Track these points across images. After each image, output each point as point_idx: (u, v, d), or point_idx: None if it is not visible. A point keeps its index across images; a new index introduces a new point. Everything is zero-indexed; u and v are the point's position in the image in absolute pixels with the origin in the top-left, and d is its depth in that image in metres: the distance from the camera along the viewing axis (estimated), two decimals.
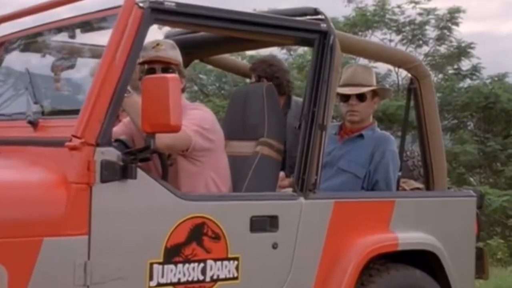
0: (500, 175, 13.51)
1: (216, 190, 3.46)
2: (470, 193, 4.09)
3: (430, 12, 13.76)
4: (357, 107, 4.01)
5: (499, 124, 14.07)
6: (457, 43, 13.89)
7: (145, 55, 3.44)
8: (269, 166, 3.55)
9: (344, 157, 3.99)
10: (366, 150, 3.97)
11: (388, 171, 3.94)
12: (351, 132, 4.06)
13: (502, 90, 13.61)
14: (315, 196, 3.47)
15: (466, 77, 14.29)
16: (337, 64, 3.56)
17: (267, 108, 3.60)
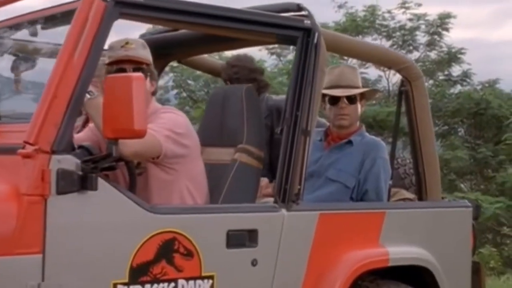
0: (491, 182, 13.28)
1: (192, 201, 3.12)
2: (466, 203, 3.76)
3: (421, 18, 13.51)
4: (347, 110, 3.68)
5: (490, 130, 13.88)
6: (447, 49, 13.64)
7: (113, 55, 3.10)
8: (248, 175, 3.21)
9: (332, 166, 3.66)
10: (356, 157, 3.65)
11: (379, 180, 3.61)
12: (339, 139, 3.72)
13: (493, 96, 13.41)
14: (298, 207, 3.14)
15: (456, 83, 14.06)
16: (322, 64, 3.24)
17: (246, 112, 3.26)
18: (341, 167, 3.63)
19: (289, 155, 3.14)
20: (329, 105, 3.69)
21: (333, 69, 3.82)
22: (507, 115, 13.34)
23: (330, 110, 3.72)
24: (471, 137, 14.08)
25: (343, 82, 3.70)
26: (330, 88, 3.67)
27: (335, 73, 3.75)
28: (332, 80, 3.71)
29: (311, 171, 3.58)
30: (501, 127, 13.51)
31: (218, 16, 2.95)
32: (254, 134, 3.27)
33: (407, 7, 13.46)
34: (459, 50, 13.50)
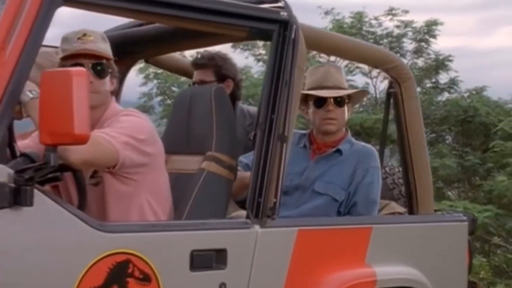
0: (479, 189, 12.91)
1: (153, 216, 2.68)
2: (461, 217, 3.32)
3: (408, 25, 13.10)
4: (335, 114, 3.23)
5: (477, 137, 13.52)
6: (435, 56, 13.27)
7: (68, 48, 2.67)
8: (217, 186, 2.77)
9: (320, 178, 3.21)
10: (346, 168, 3.22)
11: (370, 192, 3.17)
12: (325, 147, 3.28)
13: (480, 103, 13.05)
14: (274, 223, 2.70)
15: (444, 91, 13.68)
16: (301, 61, 2.81)
17: (216, 115, 2.83)
18: (330, 179, 3.20)
19: (263, 164, 2.71)
20: (314, 108, 3.25)
21: (317, 68, 3.37)
22: (495, 123, 12.99)
23: (315, 113, 3.26)
24: (459, 144, 13.73)
25: (329, 82, 3.26)
26: (314, 89, 3.25)
27: (319, 73, 3.31)
28: (317, 81, 3.28)
29: (296, 184, 3.17)
30: (489, 135, 13.16)
31: (180, 5, 2.52)
32: (224, 140, 2.84)
33: (394, 14, 13.05)
34: (447, 57, 13.11)
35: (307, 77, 3.29)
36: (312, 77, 3.30)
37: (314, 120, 3.29)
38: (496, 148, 11.71)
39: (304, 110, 3.30)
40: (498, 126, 12.20)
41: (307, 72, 3.31)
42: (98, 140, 2.46)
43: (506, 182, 10.58)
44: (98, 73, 2.68)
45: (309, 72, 3.33)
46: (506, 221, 10.63)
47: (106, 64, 2.71)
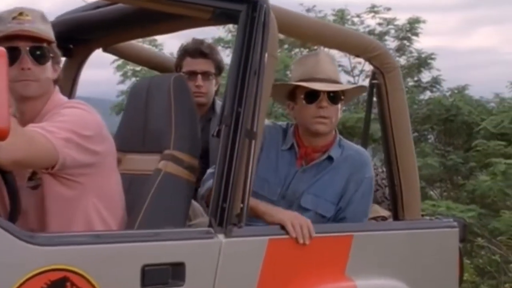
0: (461, 189, 12.62)
1: (102, 225, 2.29)
2: (451, 222, 2.93)
3: (390, 22, 12.78)
4: (328, 112, 2.71)
5: (460, 137, 13.24)
6: (417, 54, 12.96)
7: (2, 29, 2.27)
8: (176, 189, 2.38)
9: (308, 191, 2.76)
10: (338, 180, 2.77)
11: (361, 206, 2.77)
12: (314, 152, 2.78)
13: (463, 102, 12.76)
14: (240, 232, 2.32)
15: (426, 89, 13.38)
16: (272, 47, 2.43)
17: (175, 109, 2.44)
18: (319, 193, 2.75)
19: (228, 163, 2.32)
20: (304, 103, 2.73)
21: (308, 57, 2.88)
22: (478, 122, 12.71)
23: (304, 110, 2.73)
24: (441, 144, 13.44)
25: (322, 74, 2.75)
26: (304, 81, 2.75)
27: (310, 62, 2.80)
28: (307, 71, 2.76)
29: (281, 195, 2.75)
30: (471, 134, 12.88)
31: None
32: (184, 137, 2.44)
33: (376, 12, 12.73)
34: (429, 56, 12.81)
35: (295, 67, 2.86)
36: (302, 67, 2.80)
37: (302, 117, 2.76)
38: (478, 147, 11.43)
39: (289, 106, 2.82)
40: (481, 125, 11.94)
41: (295, 62, 2.88)
42: (32, 136, 2.07)
43: (489, 182, 10.26)
44: (38, 58, 2.29)
45: (298, 61, 2.90)
46: (489, 221, 10.34)
47: (47, 48, 2.31)
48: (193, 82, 3.10)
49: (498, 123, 11.57)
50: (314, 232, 2.48)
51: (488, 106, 13.22)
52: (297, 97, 2.78)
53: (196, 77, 3.11)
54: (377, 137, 11.09)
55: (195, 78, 3.10)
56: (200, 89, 3.10)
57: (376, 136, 10.94)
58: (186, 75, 3.11)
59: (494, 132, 11.54)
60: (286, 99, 2.82)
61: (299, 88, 2.75)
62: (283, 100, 2.86)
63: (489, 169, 10.66)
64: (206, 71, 3.12)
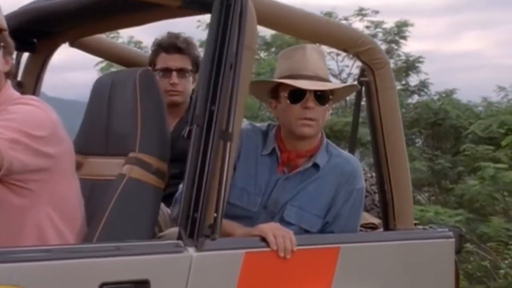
0: (449, 193, 12.45)
1: (56, 236, 2.00)
2: (446, 233, 2.65)
3: (378, 25, 12.59)
4: (315, 113, 2.42)
5: (448, 141, 13.09)
6: (405, 57, 12.78)
7: None
8: (141, 196, 2.10)
9: (292, 203, 2.46)
10: (326, 191, 2.48)
11: (350, 220, 2.48)
12: (297, 158, 2.48)
13: (451, 106, 12.63)
14: (214, 245, 2.04)
15: (414, 93, 13.21)
16: (250, 39, 2.16)
17: (141, 107, 2.16)
18: (304, 206, 2.46)
19: (200, 168, 2.05)
20: (288, 103, 2.43)
21: (294, 51, 2.53)
22: (466, 126, 12.55)
23: (288, 110, 2.43)
24: (429, 148, 13.27)
25: (309, 70, 2.45)
26: (289, 77, 2.44)
27: (297, 57, 2.49)
28: (293, 67, 2.46)
29: (262, 207, 2.46)
30: (459, 138, 12.74)
31: None
32: (152, 139, 2.16)
33: (364, 15, 12.54)
34: (417, 59, 12.63)
35: (279, 61, 2.56)
36: (287, 62, 2.50)
37: (285, 118, 2.46)
38: (467, 151, 11.27)
39: (272, 104, 2.53)
40: (469, 129, 11.79)
41: (280, 56, 2.58)
42: None
43: (478, 186, 10.05)
44: None
45: (283, 55, 2.58)
46: (477, 225, 10.15)
47: None
48: (167, 80, 2.83)
49: (486, 127, 11.41)
50: (296, 245, 2.21)
51: (476, 110, 13.09)
52: (280, 95, 2.47)
53: (171, 74, 2.83)
54: (365, 141, 10.90)
55: (170, 75, 2.83)
56: (176, 87, 2.83)
57: (364, 140, 10.75)
58: (161, 72, 2.84)
59: (483, 136, 11.37)
60: (268, 97, 2.54)
61: (283, 85, 2.45)
62: (265, 98, 2.58)
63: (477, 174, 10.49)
64: (182, 67, 2.84)
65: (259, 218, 2.45)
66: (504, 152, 10.17)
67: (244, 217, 2.45)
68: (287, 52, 2.55)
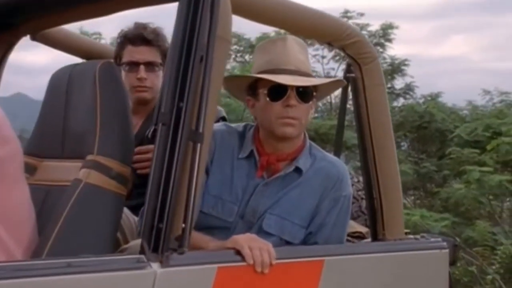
0: (435, 197, 12.34)
1: (0, 252, 1.75)
2: (440, 243, 2.40)
3: (363, 28, 12.41)
4: (298, 111, 2.17)
5: (433, 144, 13.00)
6: (390, 60, 12.63)
7: None
8: (100, 205, 1.84)
9: (272, 211, 2.22)
10: (309, 198, 2.24)
11: (336, 231, 2.24)
12: (278, 161, 2.23)
13: (436, 109, 12.55)
14: (181, 259, 1.78)
15: (399, 96, 13.07)
16: (223, 29, 1.90)
17: (101, 104, 1.89)
18: (285, 214, 2.21)
19: (166, 173, 1.79)
20: (267, 101, 2.18)
21: (273, 43, 2.26)
22: (451, 129, 12.45)
23: (268, 108, 2.18)
24: (415, 151, 13.16)
25: (291, 64, 2.20)
26: (268, 72, 2.19)
27: (277, 49, 2.23)
28: (273, 61, 2.21)
29: (239, 216, 2.21)
30: (445, 141, 12.66)
31: None
32: (113, 140, 1.90)
33: (350, 17, 12.36)
34: (403, 62, 12.48)
35: (257, 54, 2.30)
36: (266, 56, 2.24)
37: (265, 117, 2.20)
38: (452, 155, 11.16)
39: (249, 102, 2.27)
40: (455, 132, 11.70)
41: (258, 48, 2.32)
42: None
43: (464, 190, 9.93)
44: None
45: (261, 47, 2.32)
46: (462, 229, 10.02)
47: None
48: (134, 74, 2.57)
49: (472, 130, 11.32)
50: (275, 258, 1.95)
51: (461, 114, 13.00)
52: (259, 92, 2.21)
53: (138, 68, 2.57)
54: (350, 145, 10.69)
55: (137, 70, 2.57)
56: (144, 83, 2.57)
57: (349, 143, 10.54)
58: (127, 66, 2.58)
59: (468, 140, 11.27)
60: (245, 94, 2.28)
61: (262, 81, 2.19)
62: (241, 96, 2.32)
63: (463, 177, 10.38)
64: (150, 61, 2.57)
65: (235, 228, 2.20)
66: (490, 156, 10.04)
67: (219, 227, 2.20)
68: (265, 44, 2.28)
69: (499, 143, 9.96)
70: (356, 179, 2.88)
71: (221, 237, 2.09)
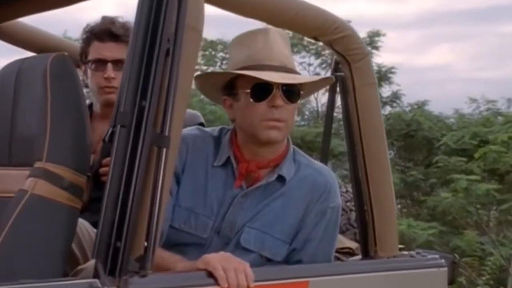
0: (422, 206, 12.21)
1: None
2: (437, 260, 2.13)
3: None
4: (285, 112, 1.91)
5: (420, 152, 12.89)
6: (377, 68, 12.46)
7: None
8: (49, 219, 1.57)
9: (251, 225, 1.95)
10: (293, 210, 1.97)
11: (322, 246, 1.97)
12: (258, 168, 1.96)
13: (423, 117, 12.47)
14: (143, 283, 1.51)
15: (386, 104, 12.93)
16: (194, 18, 1.64)
17: (52, 103, 1.62)
18: (266, 228, 1.95)
19: (126, 182, 1.52)
20: (251, 101, 1.90)
21: (253, 36, 1.96)
22: (438, 137, 12.35)
23: (249, 109, 1.90)
24: (401, 159, 13.02)
25: (275, 59, 1.92)
26: (250, 68, 1.90)
27: (258, 43, 1.94)
28: (253, 56, 1.93)
29: (216, 228, 1.94)
30: (432, 150, 12.56)
31: None
32: (65, 144, 1.62)
33: None
34: (389, 69, 12.32)
35: (235, 48, 2.01)
36: (245, 50, 1.95)
37: (246, 120, 1.93)
38: (439, 163, 11.03)
39: (225, 103, 1.99)
40: (441, 140, 11.59)
41: (235, 42, 2.02)
42: None
43: (451, 199, 9.79)
44: None
45: (238, 41, 2.02)
46: (450, 238, 9.88)
47: None
48: (101, 73, 2.30)
49: (459, 138, 11.20)
50: (253, 280, 1.69)
51: (448, 122, 12.92)
52: (238, 91, 1.93)
53: (105, 66, 2.30)
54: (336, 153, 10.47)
55: (105, 68, 2.30)
56: (112, 83, 2.29)
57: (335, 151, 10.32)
58: (93, 64, 2.31)
59: (455, 148, 11.15)
60: (221, 94, 2.01)
61: (242, 79, 1.91)
62: (216, 96, 2.05)
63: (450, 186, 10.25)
64: (119, 58, 2.29)
65: (211, 245, 1.93)
66: (477, 164, 9.90)
67: (191, 244, 1.93)
68: (244, 37, 1.98)
69: (486, 151, 9.84)
70: (344, 189, 2.62)
71: (194, 255, 1.82)
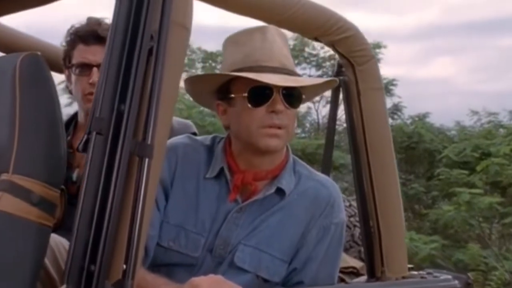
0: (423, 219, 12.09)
1: None
2: (451, 282, 1.94)
3: None
4: (285, 118, 1.73)
5: (421, 165, 12.78)
6: None
7: None
8: (14, 238, 1.37)
9: (246, 243, 1.77)
10: (293, 227, 1.79)
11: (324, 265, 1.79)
12: (255, 180, 1.78)
13: (424, 130, 12.39)
14: None
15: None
16: (182, 13, 1.45)
17: (21, 108, 1.43)
18: (263, 245, 1.77)
19: (101, 198, 1.33)
20: (248, 106, 1.72)
21: (250, 35, 1.78)
22: (439, 149, 12.24)
23: (247, 115, 1.72)
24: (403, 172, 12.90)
25: (274, 60, 1.75)
26: (247, 70, 1.72)
27: (255, 42, 1.76)
28: (251, 56, 1.75)
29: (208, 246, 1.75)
30: (433, 162, 12.44)
31: None
32: (34, 154, 1.43)
33: None
34: (390, 82, 12.21)
35: (229, 48, 1.82)
36: (241, 49, 1.77)
37: (243, 127, 1.74)
38: (441, 176, 10.90)
39: (219, 108, 1.80)
40: (443, 153, 11.46)
41: (229, 41, 1.83)
42: None
43: (453, 212, 9.67)
44: None
45: (233, 40, 1.83)
46: (452, 252, 9.73)
47: None
48: (86, 78, 2.13)
49: (460, 151, 11.08)
50: None
51: (449, 134, 12.85)
52: (234, 95, 1.75)
53: (90, 71, 2.12)
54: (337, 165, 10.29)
55: (90, 73, 2.13)
56: None
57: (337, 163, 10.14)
58: (77, 69, 2.14)
59: (457, 161, 11.02)
60: (214, 98, 1.81)
61: (239, 81, 1.73)
62: (208, 101, 1.85)
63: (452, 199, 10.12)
64: None
65: (202, 265, 1.74)
66: (479, 177, 9.77)
67: (181, 264, 1.74)
68: (239, 36, 1.79)
69: (488, 164, 9.72)
70: (347, 203, 2.42)
71: (184, 276, 1.63)
